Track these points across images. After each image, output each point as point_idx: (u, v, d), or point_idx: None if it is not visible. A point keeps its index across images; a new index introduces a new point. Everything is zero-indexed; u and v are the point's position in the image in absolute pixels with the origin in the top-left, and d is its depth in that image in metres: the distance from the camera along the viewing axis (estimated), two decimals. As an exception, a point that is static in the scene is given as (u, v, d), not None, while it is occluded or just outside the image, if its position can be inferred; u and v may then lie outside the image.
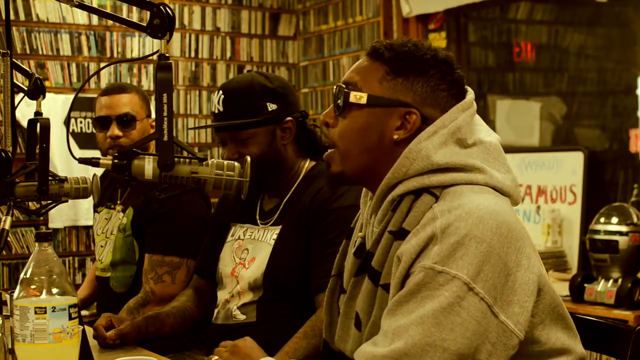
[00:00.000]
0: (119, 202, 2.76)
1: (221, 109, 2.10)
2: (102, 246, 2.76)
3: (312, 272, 2.02)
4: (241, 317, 2.11)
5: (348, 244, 1.63)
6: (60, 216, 5.00)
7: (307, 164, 2.19)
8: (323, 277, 1.99)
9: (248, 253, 2.15)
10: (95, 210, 2.88)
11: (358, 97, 1.45)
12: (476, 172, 1.40)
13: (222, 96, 2.10)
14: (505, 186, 1.43)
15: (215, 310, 2.20)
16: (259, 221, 2.19)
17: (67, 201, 1.94)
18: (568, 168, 4.03)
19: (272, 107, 2.10)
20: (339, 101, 1.47)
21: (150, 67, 5.38)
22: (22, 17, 5.02)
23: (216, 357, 1.64)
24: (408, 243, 1.35)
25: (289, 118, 2.13)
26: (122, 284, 2.69)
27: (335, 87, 1.49)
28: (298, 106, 2.18)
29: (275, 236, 2.11)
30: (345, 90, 1.46)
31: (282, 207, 2.14)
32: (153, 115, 2.80)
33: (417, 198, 1.38)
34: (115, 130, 2.68)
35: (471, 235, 1.28)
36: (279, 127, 2.12)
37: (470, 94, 1.49)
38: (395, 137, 1.44)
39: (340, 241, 1.99)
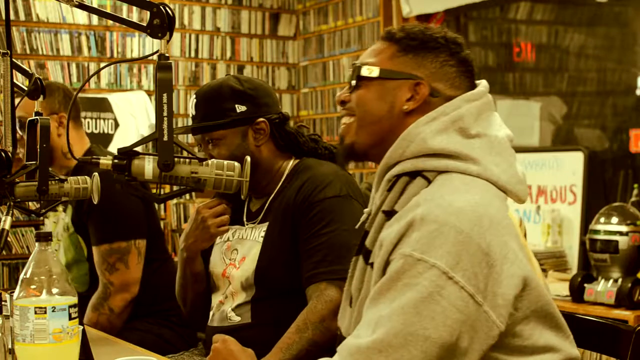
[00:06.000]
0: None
1: (194, 112, 2.16)
2: (56, 249, 2.74)
3: (302, 266, 2.03)
4: (236, 318, 2.10)
5: None
6: (60, 216, 4.99)
7: (292, 163, 2.19)
8: (312, 269, 1.99)
9: (238, 253, 2.15)
10: (45, 217, 2.84)
11: (370, 70, 1.52)
12: (470, 162, 1.42)
13: (195, 100, 2.15)
14: (500, 180, 1.44)
15: (211, 313, 2.20)
16: (246, 222, 2.20)
17: (67, 201, 1.94)
18: (568, 168, 4.02)
19: (241, 108, 2.12)
20: (353, 78, 1.54)
21: (150, 67, 5.38)
22: (22, 17, 5.02)
23: None
24: (390, 228, 1.38)
25: (260, 119, 2.13)
26: (80, 283, 2.67)
27: (350, 67, 1.57)
28: (274, 107, 2.18)
29: (263, 233, 2.11)
30: (358, 66, 1.54)
31: (267, 205, 2.15)
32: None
33: (411, 181, 1.42)
34: None
35: (450, 224, 1.30)
36: (251, 128, 2.13)
37: (482, 87, 1.52)
38: (405, 107, 1.49)
39: (327, 232, 2.00)
